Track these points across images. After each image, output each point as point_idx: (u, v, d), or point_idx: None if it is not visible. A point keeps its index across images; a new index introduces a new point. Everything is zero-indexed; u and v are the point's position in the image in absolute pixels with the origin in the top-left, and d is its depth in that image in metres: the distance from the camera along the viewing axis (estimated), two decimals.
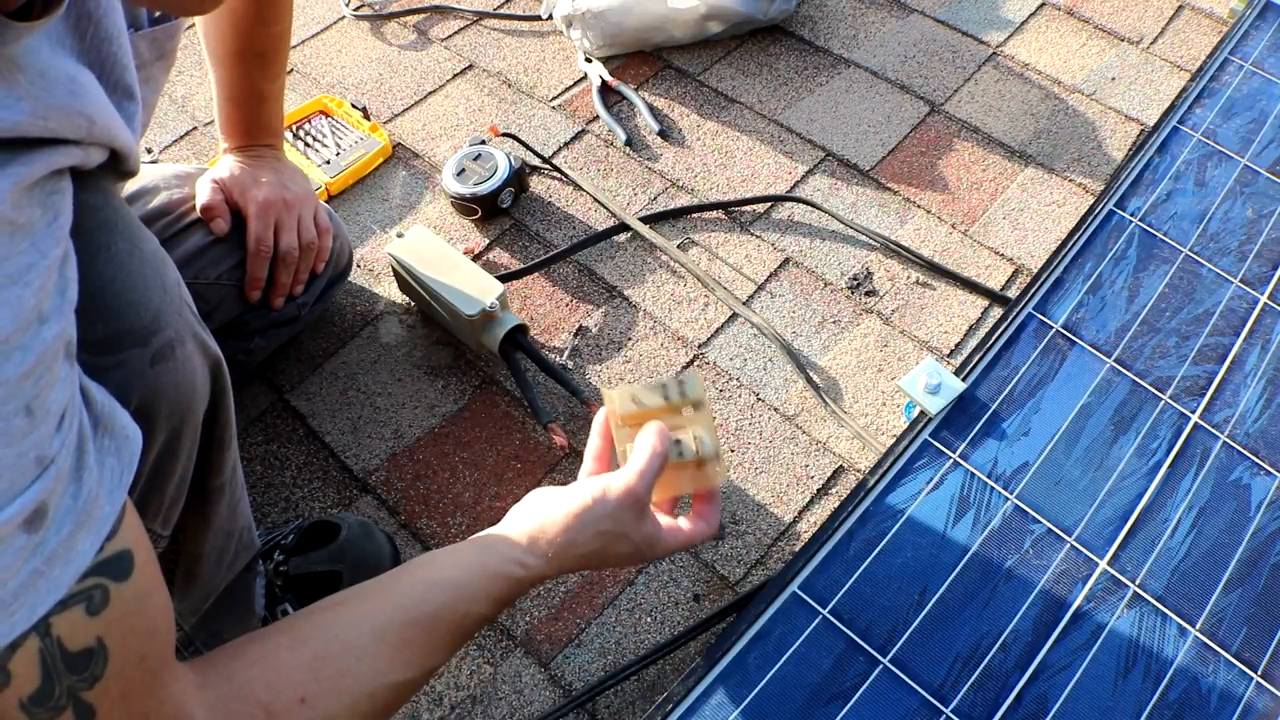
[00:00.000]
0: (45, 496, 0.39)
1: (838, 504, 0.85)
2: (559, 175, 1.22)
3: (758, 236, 1.16)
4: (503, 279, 1.07)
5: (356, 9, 1.47)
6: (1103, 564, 0.81)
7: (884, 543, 0.82)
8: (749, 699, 0.74)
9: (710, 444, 0.68)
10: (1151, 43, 1.35)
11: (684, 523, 0.68)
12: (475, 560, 0.61)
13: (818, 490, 0.95)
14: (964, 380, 0.91)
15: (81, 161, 0.49)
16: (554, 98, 1.33)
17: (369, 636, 0.55)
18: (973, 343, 1.04)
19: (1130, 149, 1.21)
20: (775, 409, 1.01)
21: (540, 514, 0.64)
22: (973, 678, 0.75)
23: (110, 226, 0.58)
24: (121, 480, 0.45)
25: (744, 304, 1.09)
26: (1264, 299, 0.99)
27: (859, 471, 0.96)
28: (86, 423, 0.43)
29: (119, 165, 0.56)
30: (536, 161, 1.23)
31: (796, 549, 0.90)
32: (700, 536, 0.68)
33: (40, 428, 0.39)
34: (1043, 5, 1.42)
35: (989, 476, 0.86)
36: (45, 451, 0.39)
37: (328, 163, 1.23)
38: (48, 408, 0.40)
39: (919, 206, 1.18)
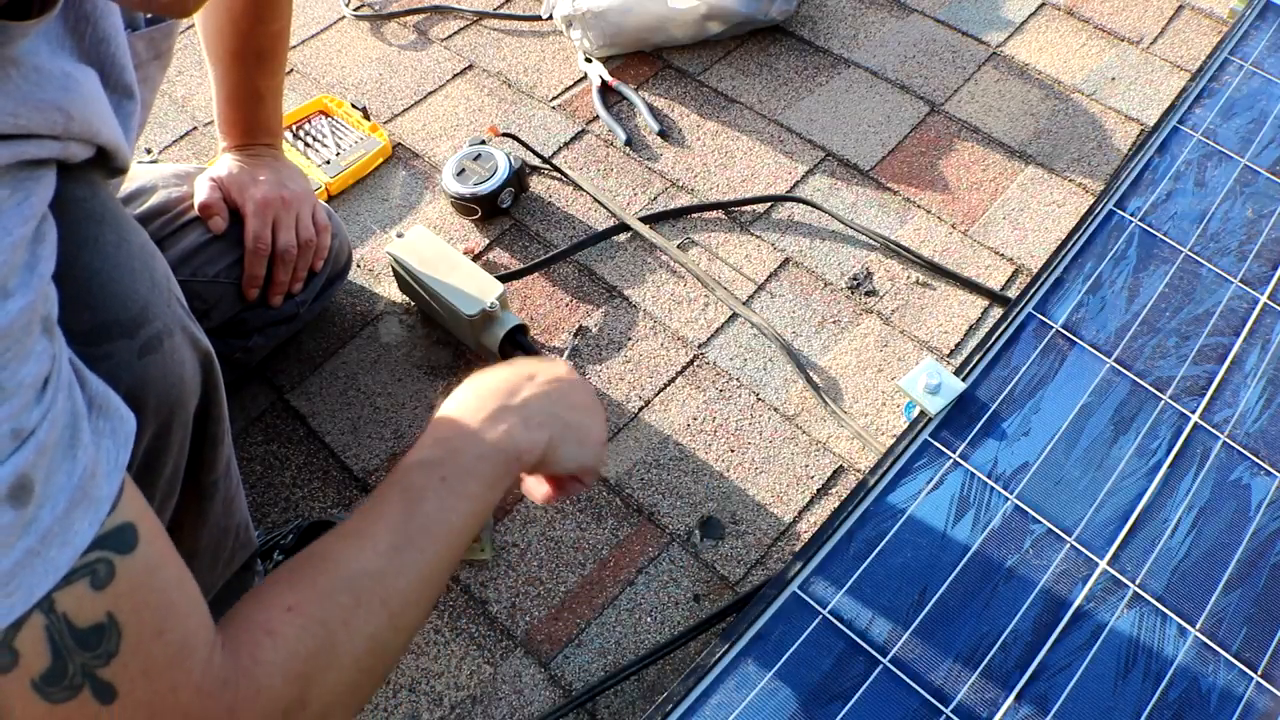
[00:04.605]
0: (27, 470, 0.39)
1: (838, 504, 0.85)
2: (559, 175, 1.22)
3: (758, 236, 1.16)
4: (503, 279, 1.07)
5: (356, 9, 1.47)
6: (1103, 564, 0.81)
7: (884, 543, 0.82)
8: (749, 699, 0.74)
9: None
10: (1151, 43, 1.35)
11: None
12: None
13: (818, 490, 0.95)
14: (964, 380, 0.91)
15: (61, 155, 0.49)
16: (554, 98, 1.33)
17: (333, 535, 0.55)
18: (973, 343, 1.04)
19: (1130, 149, 1.21)
20: (775, 409, 1.00)
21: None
22: (973, 678, 0.75)
23: (98, 218, 0.57)
24: (119, 460, 0.45)
25: (744, 304, 1.09)
26: (1264, 299, 0.99)
27: (859, 471, 0.96)
28: (81, 402, 0.43)
29: (108, 162, 0.56)
30: (536, 161, 1.23)
31: (796, 549, 0.90)
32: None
33: (11, 400, 0.39)
34: (1043, 5, 1.41)
35: (989, 476, 0.86)
36: (21, 424, 0.39)
37: (328, 163, 1.23)
38: (20, 380, 0.39)
39: (919, 206, 1.18)
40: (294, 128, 1.27)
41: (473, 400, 0.62)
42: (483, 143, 1.19)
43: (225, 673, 0.47)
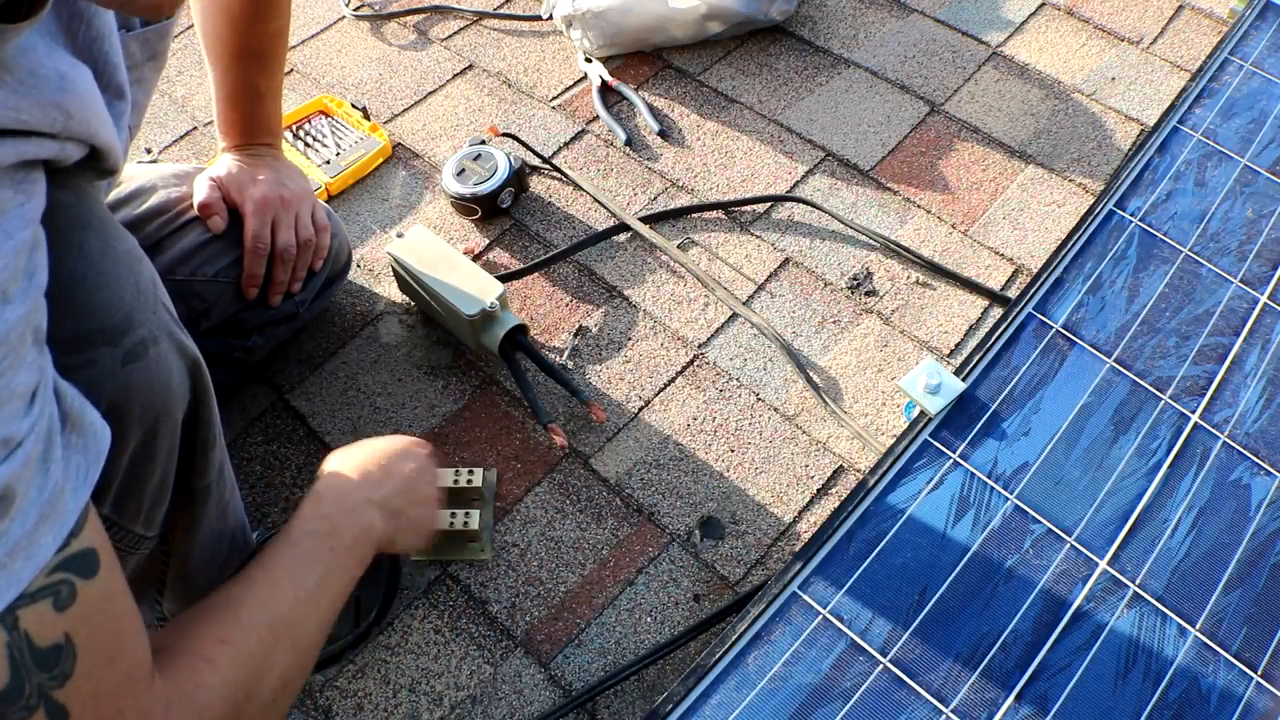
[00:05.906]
0: (12, 481, 0.39)
1: (838, 504, 0.85)
2: (559, 175, 1.22)
3: (758, 236, 1.16)
4: (503, 279, 1.07)
5: (356, 9, 1.47)
6: (1103, 564, 0.81)
7: (884, 543, 0.82)
8: (749, 699, 0.74)
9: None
10: (1151, 43, 1.35)
11: None
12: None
13: (818, 490, 0.95)
14: (964, 380, 0.91)
15: (57, 156, 0.49)
16: (554, 98, 1.33)
17: (243, 582, 0.62)
18: (973, 343, 1.04)
19: (1130, 149, 1.21)
20: (775, 409, 1.00)
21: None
22: (973, 678, 0.75)
23: (83, 224, 0.57)
24: (87, 477, 0.45)
25: (744, 304, 1.09)
26: (1264, 299, 0.99)
27: (859, 471, 0.96)
28: (55, 417, 0.43)
29: (99, 163, 0.56)
30: (536, 161, 1.23)
31: (796, 549, 0.90)
32: None
33: (4, 408, 0.39)
34: (1043, 5, 1.41)
35: (989, 476, 0.86)
36: (11, 433, 0.39)
37: (328, 163, 1.23)
38: (12, 389, 0.39)
39: (919, 206, 1.18)
40: (294, 128, 1.27)
41: (347, 483, 0.72)
42: (483, 143, 1.19)
43: (167, 696, 0.50)
